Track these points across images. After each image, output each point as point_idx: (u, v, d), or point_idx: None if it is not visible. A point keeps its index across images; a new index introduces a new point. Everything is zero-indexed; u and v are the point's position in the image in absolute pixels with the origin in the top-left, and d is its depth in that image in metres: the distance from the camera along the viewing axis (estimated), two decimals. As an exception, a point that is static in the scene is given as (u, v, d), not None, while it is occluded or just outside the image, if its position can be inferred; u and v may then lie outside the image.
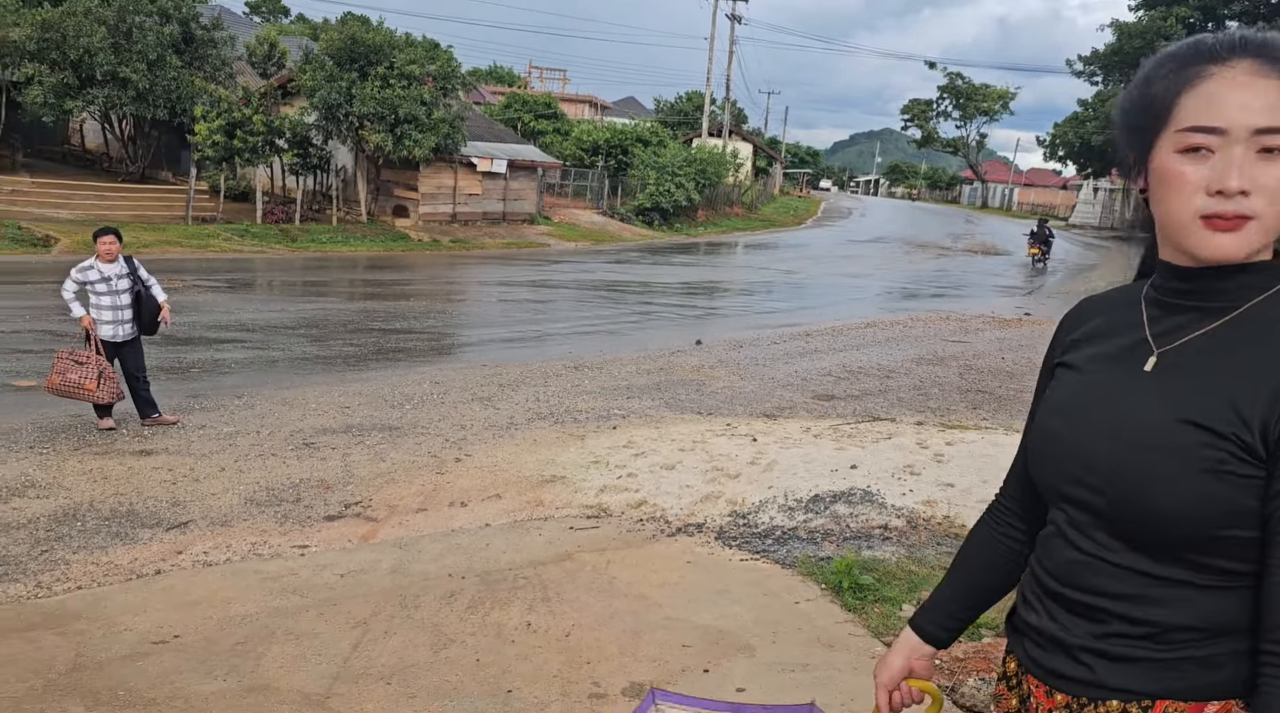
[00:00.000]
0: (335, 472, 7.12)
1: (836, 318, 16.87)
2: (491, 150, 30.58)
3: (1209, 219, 1.20)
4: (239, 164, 25.15)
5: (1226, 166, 1.18)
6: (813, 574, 5.08)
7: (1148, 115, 1.26)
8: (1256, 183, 1.17)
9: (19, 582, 5.09)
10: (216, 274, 18.48)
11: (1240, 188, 1.17)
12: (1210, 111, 1.19)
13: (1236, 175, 1.17)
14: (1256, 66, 1.18)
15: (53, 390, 7.69)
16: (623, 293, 19.53)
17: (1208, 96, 1.19)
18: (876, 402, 10.30)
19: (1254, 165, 1.17)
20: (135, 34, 24.45)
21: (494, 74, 67.17)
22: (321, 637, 4.30)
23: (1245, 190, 1.17)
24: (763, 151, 62.61)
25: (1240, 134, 1.17)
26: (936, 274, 27.47)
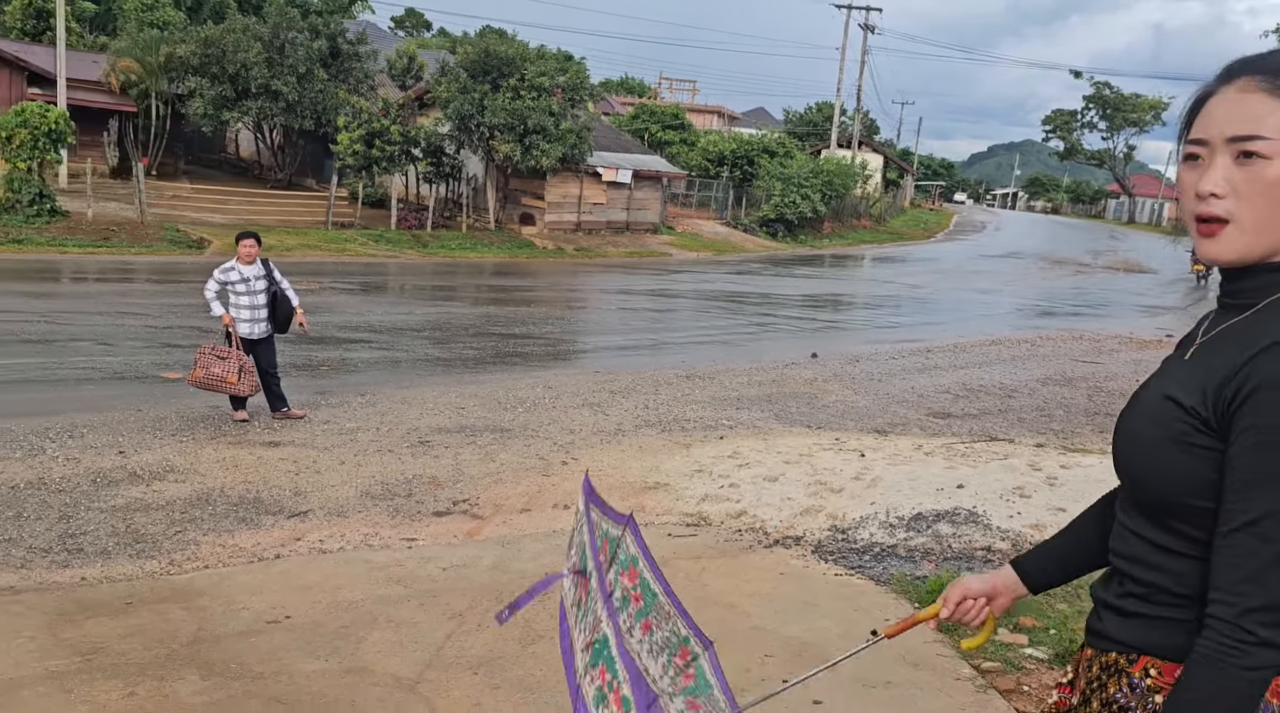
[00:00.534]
0: (446, 470, 7.38)
1: (961, 335, 16.41)
2: (617, 160, 31.02)
3: (1199, 223, 1.33)
4: (376, 172, 26.32)
5: (1203, 170, 1.32)
6: (907, 593, 4.99)
7: (1179, 134, 1.40)
8: (1232, 185, 1.29)
9: (154, 559, 5.49)
10: (351, 277, 19.39)
11: (1210, 190, 1.29)
12: (1201, 125, 1.33)
13: (1208, 178, 1.30)
14: (1250, 83, 1.29)
15: (196, 384, 8.24)
16: (741, 304, 19.51)
17: (1205, 113, 1.34)
18: (995, 421, 9.99)
19: (1233, 170, 1.29)
20: (287, 49, 25.95)
21: (625, 85, 68.11)
22: (419, 626, 4.48)
23: (1216, 193, 1.29)
24: (893, 163, 61.36)
25: (1218, 143, 1.30)
26: (1073, 292, 26.37)
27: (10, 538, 5.54)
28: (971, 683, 3.99)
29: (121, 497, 6.34)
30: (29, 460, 6.89)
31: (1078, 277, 30.98)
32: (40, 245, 18.91)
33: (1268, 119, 1.26)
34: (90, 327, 12.15)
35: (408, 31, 66.35)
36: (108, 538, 5.69)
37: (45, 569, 5.19)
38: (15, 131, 19.93)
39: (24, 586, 4.94)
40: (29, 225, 19.72)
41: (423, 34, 66.01)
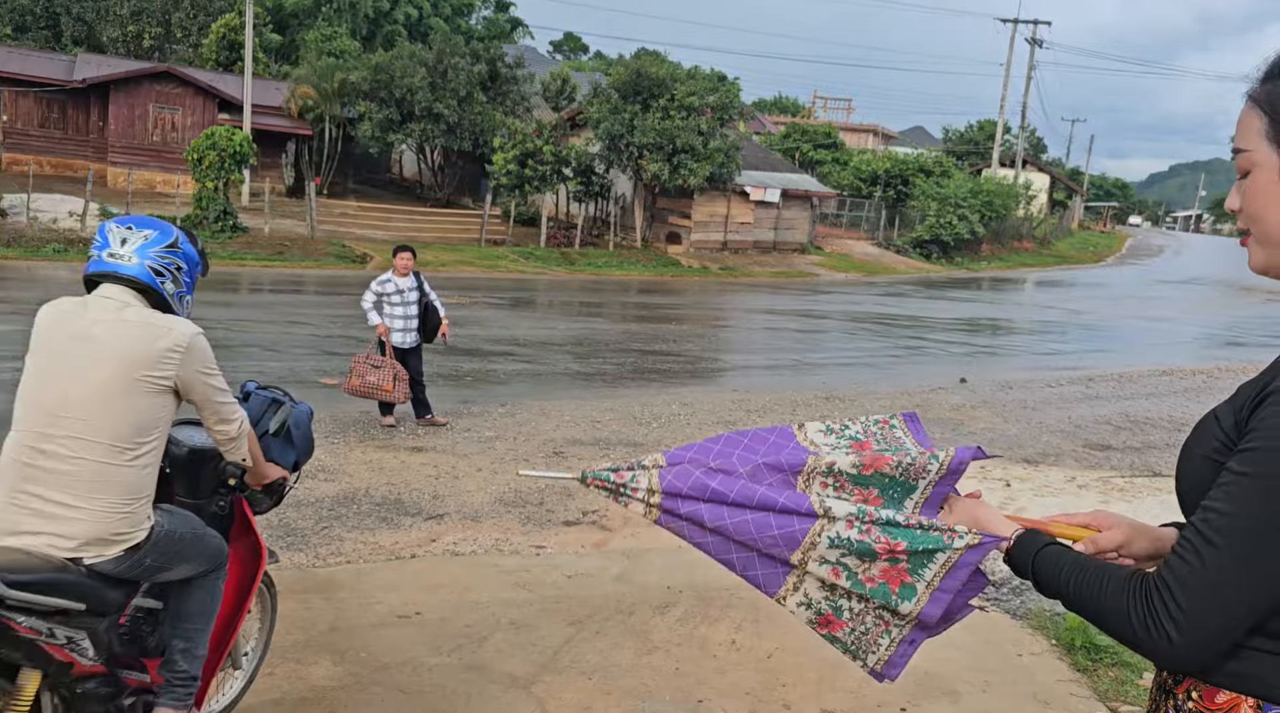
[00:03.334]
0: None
1: (1128, 364, 15.48)
2: (765, 179, 30.90)
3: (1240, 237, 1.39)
4: (528, 191, 27.16)
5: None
6: (1044, 628, 4.72)
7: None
8: (1241, 199, 1.33)
9: (302, 552, 5.80)
10: (501, 292, 20.03)
11: (1228, 206, 1.36)
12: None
13: (1230, 196, 1.35)
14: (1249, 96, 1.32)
15: (351, 391, 8.70)
16: (889, 326, 19.03)
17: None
18: (1161, 456, 9.35)
19: (1242, 184, 1.33)
20: (450, 74, 27.18)
21: (778, 104, 67.87)
22: (539, 630, 4.56)
23: (1231, 208, 1.36)
24: (1061, 183, 58.64)
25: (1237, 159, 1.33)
26: (1262, 321, 24.47)
27: (176, 525, 5.97)
28: (1110, 729, 3.74)
29: (276, 492, 6.74)
30: (198, 455, 7.42)
31: (1269, 305, 28.72)
32: (223, 259, 20.42)
33: (1249, 130, 1.29)
34: (262, 334, 13.01)
35: (565, 55, 68.34)
36: (264, 530, 6.03)
37: (204, 555, 5.57)
38: (205, 153, 21.64)
39: (184, 569, 5.31)
40: (214, 240, 21.34)
41: (579, 57, 67.84)
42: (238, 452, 2.85)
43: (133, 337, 2.57)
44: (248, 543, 3.17)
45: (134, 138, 29.15)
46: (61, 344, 2.55)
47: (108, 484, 2.49)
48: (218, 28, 35.33)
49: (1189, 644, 1.20)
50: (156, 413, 2.60)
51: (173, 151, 28.31)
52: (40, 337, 2.58)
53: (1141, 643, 1.25)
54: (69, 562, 2.44)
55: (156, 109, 29.26)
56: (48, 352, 2.56)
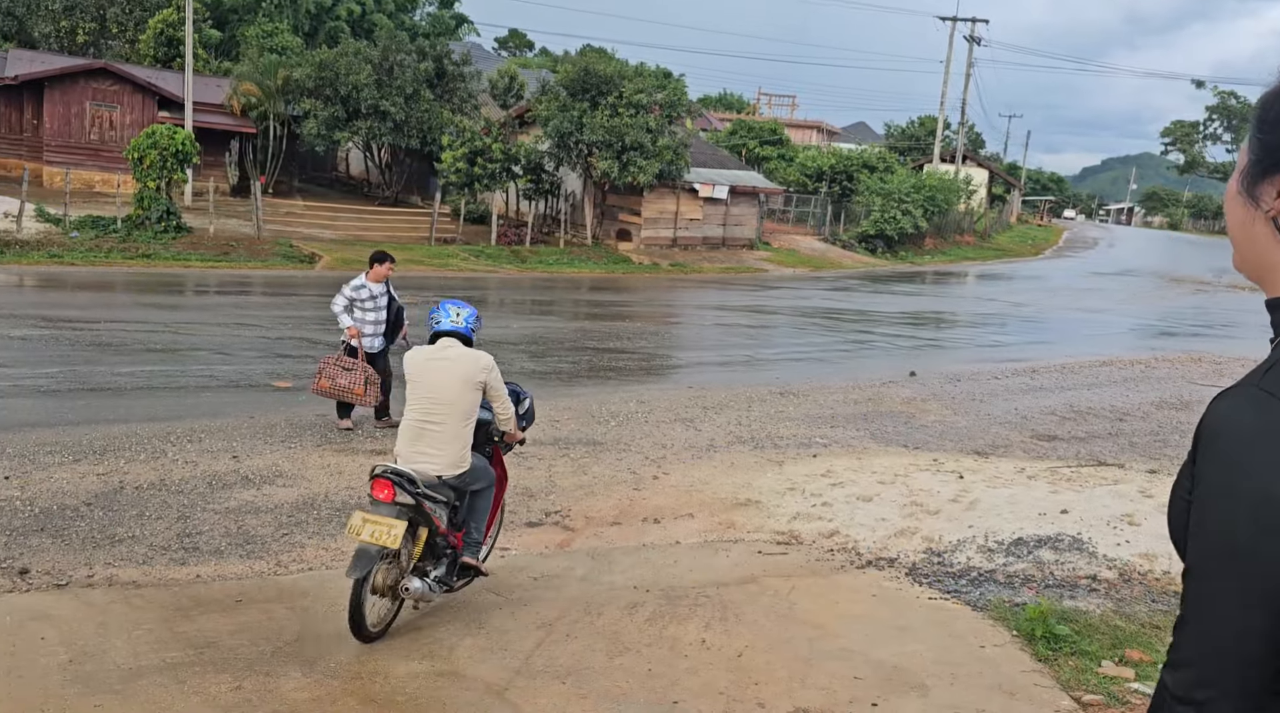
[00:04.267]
0: (539, 481, 7.50)
1: (1070, 355, 15.86)
2: (713, 176, 31.06)
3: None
4: (478, 189, 26.97)
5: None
6: (1005, 620, 4.85)
7: None
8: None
9: (263, 559, 5.73)
10: (452, 291, 19.87)
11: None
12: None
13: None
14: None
15: (321, 393, 8.56)
16: (838, 321, 19.27)
17: None
18: (1104, 445, 9.63)
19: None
20: (396, 71, 26.88)
21: (723, 101, 68.18)
22: (509, 634, 4.57)
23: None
24: (1000, 178, 59.76)
25: None
26: (1193, 311, 25.23)
27: (134, 535, 5.87)
28: (1071, 715, 3.86)
29: (234, 499, 6.64)
30: (152, 463, 7.28)
31: (1199, 296, 29.62)
32: (166, 260, 19.97)
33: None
34: (210, 337, 12.77)
35: (511, 52, 67.91)
36: (221, 538, 5.96)
37: (164, 566, 5.48)
38: (146, 152, 21.13)
39: (145, 581, 5.22)
40: (156, 241, 20.85)
41: (525, 54, 67.48)
42: (508, 425, 5.11)
43: (468, 363, 4.80)
44: (501, 471, 5.51)
45: (70, 136, 28.35)
46: (425, 368, 4.80)
47: (456, 439, 4.73)
48: (155, 23, 34.52)
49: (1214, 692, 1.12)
50: (477, 401, 4.83)
51: (111, 150, 27.59)
52: (413, 366, 4.84)
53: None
54: (437, 478, 4.67)
55: (94, 107, 28.48)
56: (420, 372, 4.80)
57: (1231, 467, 1.14)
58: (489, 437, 5.20)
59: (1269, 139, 1.23)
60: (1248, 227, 1.27)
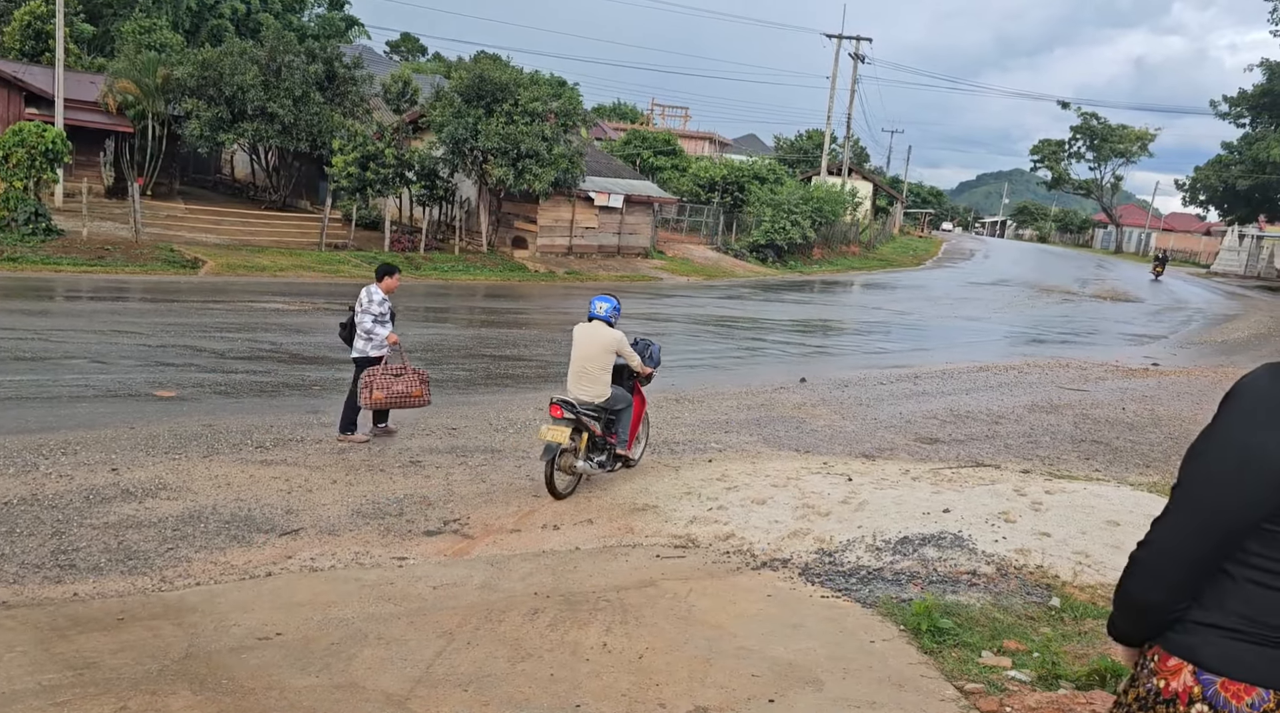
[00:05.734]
0: (438, 489, 7.44)
1: (949, 361, 16.53)
2: (609, 185, 31.23)
3: None
4: (370, 194, 26.44)
5: None
6: (892, 615, 5.06)
7: None
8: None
9: (146, 575, 5.53)
10: (344, 298, 19.41)
11: None
12: None
13: None
14: None
15: (377, 405, 8.54)
16: (731, 328, 19.62)
17: None
18: (982, 447, 10.08)
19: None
20: (284, 72, 26.14)
21: (617, 111, 68.57)
22: (409, 643, 4.53)
23: None
24: (883, 191, 61.82)
25: None
26: (1060, 320, 26.57)
27: (3, 554, 5.57)
28: (955, 704, 4.05)
29: (114, 514, 6.38)
30: (22, 477, 6.92)
31: (1065, 305, 31.22)
32: (35, 264, 18.93)
33: None
34: (84, 345, 12.18)
35: (403, 56, 66.82)
36: (100, 554, 5.72)
37: (38, 585, 5.23)
38: (12, 151, 20.01)
39: (17, 601, 4.97)
40: (24, 244, 19.75)
41: (418, 59, 66.50)
42: (639, 367, 7.84)
43: (606, 336, 7.61)
44: (639, 398, 8.17)
45: (-76, 131, 26.58)
46: (582, 338, 7.64)
47: (598, 381, 7.57)
48: (22, 15, 32.67)
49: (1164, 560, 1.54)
50: (611, 359, 7.62)
51: (-30, 148, 25.96)
52: (577, 333, 7.68)
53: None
54: (589, 403, 7.50)
55: (-48, 101, 26.78)
56: (578, 339, 7.65)
57: (1235, 416, 1.44)
58: (631, 374, 7.96)
59: None
60: None
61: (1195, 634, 1.52)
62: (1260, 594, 1.46)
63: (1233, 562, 1.48)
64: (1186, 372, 17.04)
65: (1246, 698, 1.46)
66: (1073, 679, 4.20)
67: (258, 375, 11.19)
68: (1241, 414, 1.43)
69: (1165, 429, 11.57)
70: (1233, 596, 1.48)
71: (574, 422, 7.28)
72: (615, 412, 7.72)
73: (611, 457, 7.72)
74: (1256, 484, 1.41)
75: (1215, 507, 1.46)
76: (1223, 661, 1.49)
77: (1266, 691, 1.46)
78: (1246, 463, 1.41)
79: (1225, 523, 1.46)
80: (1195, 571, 1.50)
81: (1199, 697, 1.50)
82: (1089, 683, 4.13)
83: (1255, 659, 1.47)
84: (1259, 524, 1.44)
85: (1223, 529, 1.46)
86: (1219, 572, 1.50)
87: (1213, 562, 1.49)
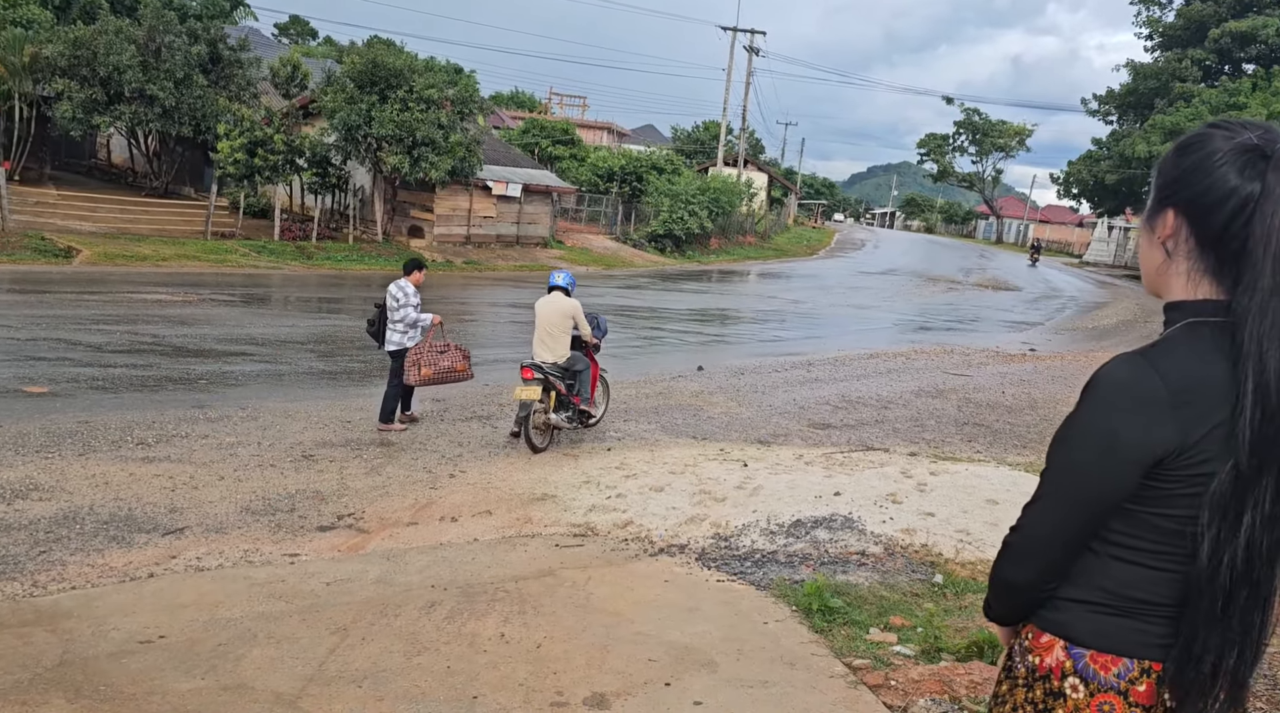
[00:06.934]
0: (331, 484, 7.28)
1: (841, 348, 16.98)
2: (507, 174, 30.95)
3: None
4: (259, 182, 25.56)
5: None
6: (785, 596, 5.19)
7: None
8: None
9: (16, 580, 5.25)
10: (232, 289, 18.78)
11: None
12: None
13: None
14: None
15: (423, 382, 8.87)
16: (630, 318, 19.71)
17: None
18: (872, 432, 10.40)
19: None
20: (164, 53, 24.99)
21: (515, 99, 67.94)
22: (301, 641, 4.44)
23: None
24: (778, 182, 62.94)
25: None
26: (946, 308, 27.56)
27: None
28: (844, 680, 4.19)
29: (-20, 517, 6.04)
30: (-125, 481, 6.49)
31: (950, 293, 32.39)
32: (-114, 253, 17.71)
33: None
34: (-57, 339, 11.45)
35: (293, 39, 64.70)
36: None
37: (-105, 594, 4.92)
38: None
39: None
40: (-127, 231, 18.45)
41: (308, 42, 64.50)
42: (589, 336, 8.97)
43: (565, 303, 8.75)
44: (592, 361, 9.13)
45: None
46: (543, 307, 8.74)
47: (560, 344, 8.71)
48: None
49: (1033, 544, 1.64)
50: (570, 325, 8.81)
51: None
52: (537, 306, 8.80)
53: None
54: (554, 364, 8.64)
55: None
56: (540, 309, 8.75)
57: (1096, 404, 1.52)
58: (582, 343, 9.01)
59: (1157, 188, 1.63)
60: (1148, 250, 1.66)
61: (1065, 611, 1.61)
62: (1123, 569, 1.56)
63: (1098, 540, 1.58)
64: (1060, 357, 17.91)
65: (1113, 668, 1.56)
66: (953, 652, 4.39)
67: (139, 369, 10.73)
68: (1100, 402, 1.52)
69: (1041, 412, 12.14)
70: (1098, 572, 1.58)
71: (543, 381, 8.40)
72: (575, 372, 8.86)
73: (577, 413, 8.88)
74: (1117, 468, 1.50)
75: (1080, 490, 1.55)
76: (1091, 634, 1.58)
77: (1131, 660, 1.55)
78: (1107, 449, 1.50)
79: (1090, 505, 1.54)
80: (1064, 551, 1.59)
81: (1071, 670, 1.58)
82: (968, 655, 4.32)
83: (1119, 631, 1.57)
84: (1120, 504, 1.53)
85: (1088, 511, 1.55)
86: (1086, 550, 1.59)
87: (1080, 542, 1.58)
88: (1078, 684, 1.58)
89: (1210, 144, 1.54)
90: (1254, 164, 1.49)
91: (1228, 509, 1.47)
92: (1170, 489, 1.50)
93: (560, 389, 8.62)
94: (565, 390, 8.70)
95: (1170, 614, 1.55)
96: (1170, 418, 1.47)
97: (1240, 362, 1.46)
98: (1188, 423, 1.47)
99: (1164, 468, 1.49)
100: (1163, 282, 1.63)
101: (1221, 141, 1.53)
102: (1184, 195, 1.56)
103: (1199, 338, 1.52)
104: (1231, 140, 1.52)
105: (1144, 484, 1.52)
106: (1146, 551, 1.55)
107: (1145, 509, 1.53)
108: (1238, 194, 1.50)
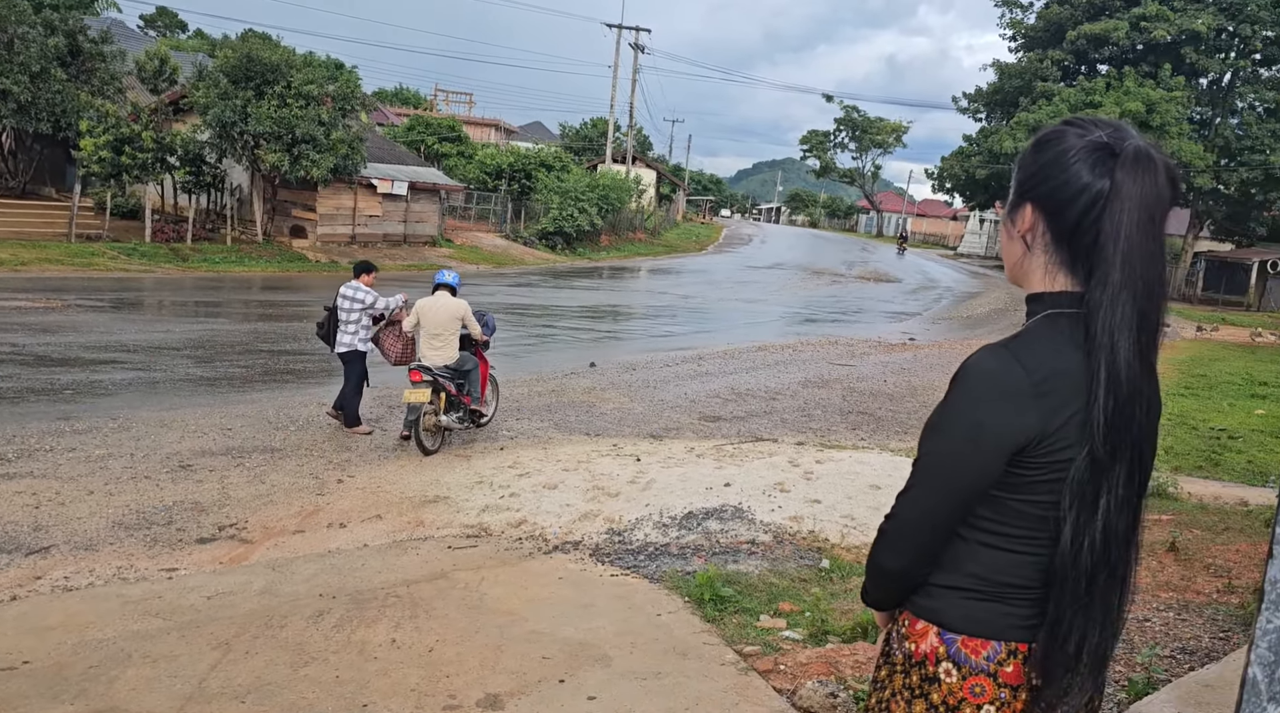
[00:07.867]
0: (211, 494, 7.02)
1: (730, 342, 17.25)
2: (393, 172, 30.32)
3: None
4: (127, 181, 24.35)
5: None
6: (678, 588, 5.26)
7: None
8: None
9: None
10: (99, 293, 17.86)
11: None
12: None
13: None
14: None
15: (402, 360, 9.18)
16: (522, 316, 19.60)
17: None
18: (761, 423, 10.61)
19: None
20: (17, 45, 23.55)
21: (399, 96, 66.56)
22: (180, 659, 4.27)
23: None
24: (666, 178, 63.43)
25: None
26: (830, 300, 28.29)
27: None
28: (734, 667, 4.28)
29: None
30: None
31: (834, 286, 33.26)
32: None
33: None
34: None
35: (160, 32, 61.80)
36: None
37: None
38: None
39: None
40: None
41: (177, 35, 61.76)
42: (478, 335, 8.98)
43: (453, 305, 8.69)
44: (482, 361, 9.25)
45: None
46: (429, 308, 8.63)
47: (449, 345, 8.66)
48: None
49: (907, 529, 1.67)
50: (459, 326, 8.77)
51: None
52: (421, 307, 8.66)
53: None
54: (444, 366, 8.62)
55: None
56: (426, 310, 8.65)
57: (964, 394, 1.57)
58: (472, 342, 9.05)
59: (1017, 183, 1.68)
60: (1009, 243, 1.71)
61: (938, 598, 1.66)
62: (990, 555, 1.61)
63: (966, 527, 1.63)
64: (938, 345, 18.62)
65: (983, 652, 1.61)
66: (839, 634, 4.53)
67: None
68: (968, 393, 1.57)
69: (920, 398, 12.61)
70: (967, 558, 1.63)
71: (432, 384, 8.42)
72: (465, 372, 8.90)
73: (468, 413, 9.00)
74: (984, 455, 1.55)
75: (949, 478, 1.59)
76: (962, 620, 1.63)
77: (999, 643, 1.61)
78: (974, 437, 1.55)
79: (959, 491, 1.59)
80: (936, 537, 1.64)
81: (944, 655, 1.63)
82: (853, 637, 4.47)
83: (988, 615, 1.62)
84: (988, 491, 1.59)
85: (957, 497, 1.60)
86: (956, 537, 1.64)
87: (950, 528, 1.63)
88: (951, 669, 1.63)
89: (1065, 141, 1.59)
90: (1104, 162, 1.54)
91: (1085, 494, 1.53)
92: (1033, 476, 1.56)
93: (450, 390, 8.62)
94: (455, 391, 8.70)
95: (1034, 597, 1.61)
96: (1032, 407, 1.52)
97: (1093, 352, 1.52)
98: (1048, 412, 1.52)
99: (1027, 455, 1.55)
100: (1023, 274, 1.68)
101: (1075, 138, 1.58)
102: (1041, 190, 1.61)
103: (1058, 330, 1.57)
104: (1084, 138, 1.57)
105: (1009, 471, 1.57)
106: (1013, 536, 1.60)
107: (1011, 496, 1.58)
108: (1089, 191, 1.55)
